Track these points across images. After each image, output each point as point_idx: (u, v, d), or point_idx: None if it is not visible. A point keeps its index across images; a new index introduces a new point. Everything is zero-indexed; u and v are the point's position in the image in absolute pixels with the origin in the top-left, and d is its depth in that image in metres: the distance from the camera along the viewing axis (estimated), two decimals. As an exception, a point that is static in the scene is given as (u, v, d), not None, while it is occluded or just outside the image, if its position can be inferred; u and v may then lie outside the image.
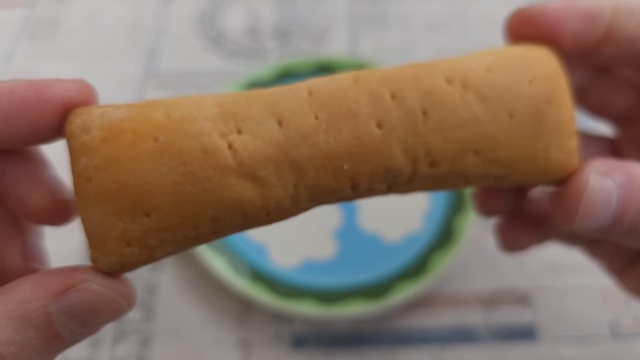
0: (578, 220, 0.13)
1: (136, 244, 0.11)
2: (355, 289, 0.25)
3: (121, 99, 0.34)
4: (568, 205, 0.13)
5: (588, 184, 0.13)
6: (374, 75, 0.12)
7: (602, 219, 0.13)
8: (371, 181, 0.11)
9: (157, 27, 0.38)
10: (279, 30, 0.38)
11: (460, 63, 0.12)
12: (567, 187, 0.13)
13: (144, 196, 0.10)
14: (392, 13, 0.39)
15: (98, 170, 0.11)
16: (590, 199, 0.13)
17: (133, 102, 0.12)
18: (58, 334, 0.11)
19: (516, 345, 0.25)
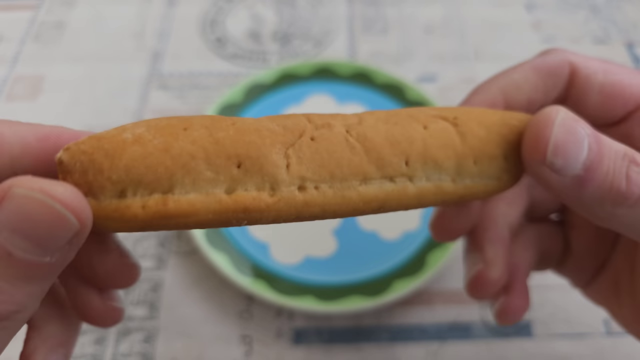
0: (551, 150, 0.13)
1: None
2: (354, 286, 0.26)
3: (126, 100, 0.35)
4: (541, 132, 0.13)
5: (560, 115, 0.13)
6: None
7: (573, 162, 0.13)
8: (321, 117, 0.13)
9: (161, 30, 0.39)
10: (280, 33, 0.39)
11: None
12: (538, 116, 0.14)
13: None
14: (391, 17, 0.40)
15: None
16: (562, 128, 0.13)
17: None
18: (9, 253, 0.10)
19: (513, 341, 0.25)
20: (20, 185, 0.10)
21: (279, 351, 0.25)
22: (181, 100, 0.35)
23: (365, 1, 0.41)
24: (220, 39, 0.38)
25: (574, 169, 0.13)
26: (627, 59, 0.37)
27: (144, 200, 0.11)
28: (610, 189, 0.13)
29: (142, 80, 0.36)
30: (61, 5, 0.40)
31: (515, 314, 0.18)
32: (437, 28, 0.39)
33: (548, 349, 0.25)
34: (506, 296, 0.18)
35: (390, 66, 0.36)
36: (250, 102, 0.32)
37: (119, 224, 0.11)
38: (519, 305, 0.18)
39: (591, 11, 0.40)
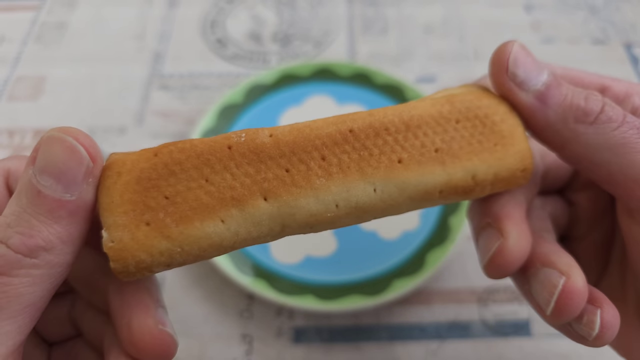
0: (512, 62, 0.15)
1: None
2: (354, 285, 0.26)
3: (127, 101, 0.35)
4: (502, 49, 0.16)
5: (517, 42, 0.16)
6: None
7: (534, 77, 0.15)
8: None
9: (161, 31, 0.39)
10: (280, 34, 0.39)
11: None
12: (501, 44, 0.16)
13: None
14: (391, 17, 0.40)
15: None
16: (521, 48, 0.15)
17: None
18: (39, 191, 0.12)
19: (511, 340, 0.26)
20: (51, 130, 0.13)
21: (279, 350, 0.25)
22: (182, 100, 0.35)
23: (364, 2, 0.41)
24: (220, 39, 0.38)
25: (536, 84, 0.15)
26: (626, 59, 0.37)
27: None
28: (571, 105, 0.15)
29: (143, 80, 0.36)
30: (62, 6, 0.40)
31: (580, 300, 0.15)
32: (436, 28, 0.39)
33: (546, 348, 0.25)
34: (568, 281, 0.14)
35: (390, 67, 0.36)
36: (250, 103, 0.33)
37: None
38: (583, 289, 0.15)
39: (590, 12, 0.40)
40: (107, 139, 0.33)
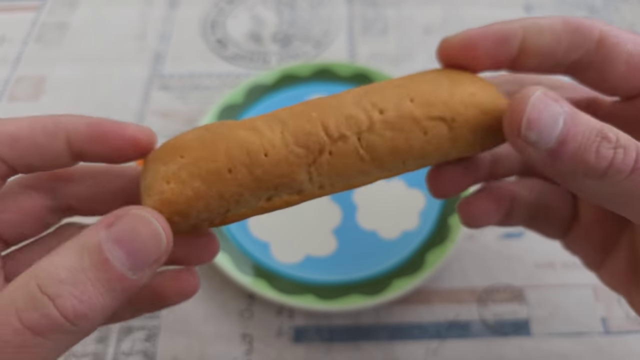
0: (525, 125, 0.14)
1: (172, 180, 0.14)
2: (354, 285, 0.26)
3: (127, 101, 0.35)
4: (516, 108, 0.14)
5: (535, 93, 0.14)
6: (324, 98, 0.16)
7: (546, 136, 0.14)
8: (337, 125, 0.15)
9: (162, 31, 0.39)
10: (280, 34, 0.39)
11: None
12: (517, 94, 0.15)
13: (182, 146, 0.15)
14: (391, 18, 0.40)
15: (157, 150, 0.16)
16: (536, 105, 0.14)
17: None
18: (107, 259, 0.12)
19: (511, 340, 0.26)
20: (136, 208, 0.13)
21: (279, 349, 0.25)
22: (182, 100, 0.35)
23: (364, 2, 0.41)
24: (221, 40, 0.38)
25: (548, 143, 0.14)
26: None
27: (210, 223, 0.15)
28: (581, 162, 0.14)
29: (144, 81, 0.36)
30: (63, 7, 0.40)
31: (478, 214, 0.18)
32: (436, 29, 0.39)
33: (546, 348, 0.25)
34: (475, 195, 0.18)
35: (390, 67, 0.37)
36: (250, 103, 0.33)
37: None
38: (483, 207, 0.18)
39: (589, 12, 0.40)
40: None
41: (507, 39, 0.16)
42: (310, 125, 0.15)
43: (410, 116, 0.15)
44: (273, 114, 0.15)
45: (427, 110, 0.15)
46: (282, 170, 0.14)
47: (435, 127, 0.15)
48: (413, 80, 0.16)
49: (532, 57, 0.16)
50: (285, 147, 0.14)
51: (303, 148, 0.14)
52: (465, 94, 0.15)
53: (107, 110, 0.34)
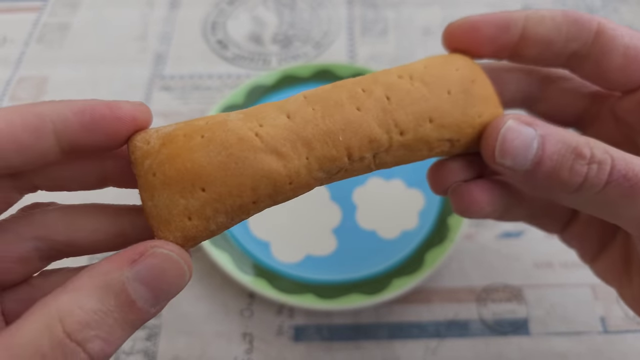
0: (498, 154, 0.15)
1: (195, 217, 0.13)
2: (354, 284, 0.26)
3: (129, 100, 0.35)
4: (488, 138, 0.15)
5: (506, 123, 0.15)
6: (347, 81, 0.16)
7: (521, 160, 0.15)
8: (360, 150, 0.15)
9: (163, 32, 0.39)
10: (281, 35, 0.39)
11: (406, 66, 0.17)
12: (489, 126, 0.16)
13: (200, 175, 0.13)
14: (390, 19, 0.40)
15: (161, 165, 0.14)
16: (507, 136, 0.15)
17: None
18: (133, 301, 0.12)
19: (510, 339, 0.26)
20: (161, 246, 0.12)
21: (279, 348, 0.25)
22: (183, 101, 0.35)
23: (364, 3, 0.41)
24: (221, 41, 0.39)
25: (523, 166, 0.15)
26: (624, 60, 0.38)
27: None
28: (556, 178, 0.15)
29: (145, 81, 0.36)
30: (64, 8, 0.41)
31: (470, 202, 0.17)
32: (435, 30, 0.39)
33: (545, 347, 0.26)
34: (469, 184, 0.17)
35: (390, 68, 0.37)
36: (251, 103, 0.33)
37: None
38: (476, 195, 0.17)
39: (588, 13, 0.41)
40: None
41: (509, 25, 0.17)
42: (336, 151, 0.15)
43: (426, 139, 0.16)
44: (297, 126, 0.14)
45: (441, 133, 0.16)
46: (300, 192, 0.15)
47: (441, 145, 0.17)
48: (435, 87, 0.16)
49: (532, 45, 0.17)
50: (309, 174, 0.15)
51: (325, 173, 0.15)
52: (475, 115, 0.16)
53: (108, 111, 0.35)
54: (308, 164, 0.14)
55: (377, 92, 0.16)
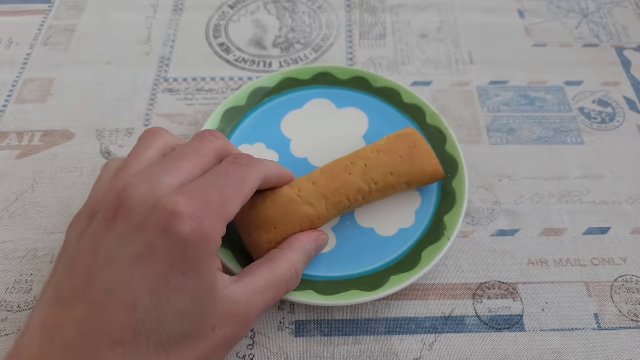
0: None
1: (271, 244, 0.25)
2: (352, 281, 0.26)
3: (134, 103, 0.36)
4: None
5: None
6: (343, 158, 0.27)
7: None
8: (354, 196, 0.26)
9: (167, 35, 0.40)
10: (282, 38, 0.40)
11: (375, 144, 0.28)
12: None
13: (273, 221, 0.25)
14: (388, 23, 0.41)
15: (251, 217, 0.26)
16: None
17: None
18: (310, 255, 0.25)
19: (505, 335, 0.26)
20: (321, 232, 0.26)
21: (280, 343, 0.26)
22: (187, 102, 0.36)
23: (363, 8, 0.42)
24: (224, 44, 0.39)
25: None
26: (618, 62, 0.38)
27: None
28: None
29: (150, 84, 0.37)
30: (70, 11, 0.41)
31: None
32: (432, 34, 0.40)
33: (540, 343, 0.26)
34: None
35: (388, 71, 0.37)
36: (253, 106, 0.34)
37: None
38: None
39: (582, 16, 0.41)
40: (116, 140, 0.34)
41: None
42: (341, 198, 0.26)
43: (391, 184, 0.27)
44: (318, 188, 0.26)
45: (399, 179, 0.27)
46: (324, 223, 0.26)
47: (401, 186, 0.28)
48: (394, 157, 0.27)
49: None
50: (328, 213, 0.26)
51: (337, 211, 0.26)
52: (419, 168, 0.27)
53: (114, 113, 0.35)
54: (327, 208, 0.26)
55: (359, 163, 0.27)
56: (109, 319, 0.17)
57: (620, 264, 0.29)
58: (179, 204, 0.18)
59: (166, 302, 0.17)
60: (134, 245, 0.17)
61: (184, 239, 0.17)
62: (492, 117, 0.35)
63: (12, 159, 0.33)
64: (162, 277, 0.17)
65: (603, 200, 0.31)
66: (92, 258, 0.18)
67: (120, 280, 0.17)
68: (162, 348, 0.17)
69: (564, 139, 0.34)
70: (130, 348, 0.16)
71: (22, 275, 0.28)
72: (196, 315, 0.18)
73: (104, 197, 0.19)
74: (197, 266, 0.18)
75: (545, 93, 0.36)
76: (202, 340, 0.18)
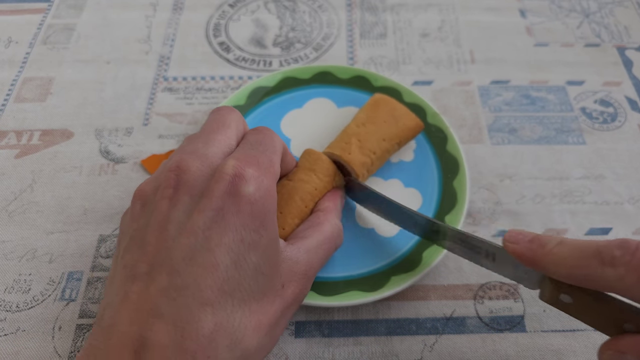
0: None
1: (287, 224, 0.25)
2: (353, 281, 0.26)
3: (133, 102, 0.36)
4: None
5: None
6: (336, 144, 0.29)
7: None
8: (360, 170, 0.28)
9: (166, 34, 0.40)
10: (282, 37, 0.40)
11: (356, 118, 0.30)
12: None
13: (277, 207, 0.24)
14: (389, 22, 0.41)
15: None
16: None
17: None
18: (340, 212, 0.27)
19: (506, 335, 0.26)
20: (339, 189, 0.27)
21: (280, 344, 0.26)
22: (186, 102, 0.36)
23: (364, 7, 0.42)
24: (224, 43, 0.39)
25: None
26: (619, 62, 0.38)
27: None
28: None
29: (149, 82, 0.37)
30: (69, 9, 0.41)
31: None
32: (433, 33, 0.40)
33: (541, 344, 0.26)
34: None
35: (388, 70, 0.37)
36: (253, 105, 0.33)
37: None
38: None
39: (584, 16, 0.41)
40: (115, 139, 0.34)
41: None
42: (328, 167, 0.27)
43: (386, 149, 0.29)
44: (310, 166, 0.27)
45: (391, 142, 0.29)
46: (325, 190, 0.27)
47: (393, 147, 0.29)
48: (380, 125, 0.29)
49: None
50: (321, 181, 0.27)
51: (328, 176, 0.27)
52: (404, 126, 0.29)
53: (113, 112, 0.35)
54: (319, 177, 0.27)
55: (353, 141, 0.28)
56: (194, 283, 0.17)
57: (622, 264, 0.29)
58: (238, 168, 0.19)
59: (244, 260, 0.18)
60: (203, 212, 0.18)
61: (251, 198, 0.19)
62: (494, 117, 0.35)
63: (10, 158, 0.33)
64: (237, 236, 0.18)
65: (605, 200, 0.31)
66: (162, 231, 0.18)
67: (198, 244, 0.18)
68: (245, 305, 0.18)
69: (565, 139, 0.34)
70: (218, 307, 0.17)
71: (20, 275, 0.28)
72: (269, 271, 0.19)
73: (157, 179, 0.20)
74: (265, 222, 0.19)
75: (547, 93, 0.36)
76: (276, 297, 0.19)
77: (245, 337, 0.18)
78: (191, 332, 0.17)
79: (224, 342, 0.17)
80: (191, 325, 0.17)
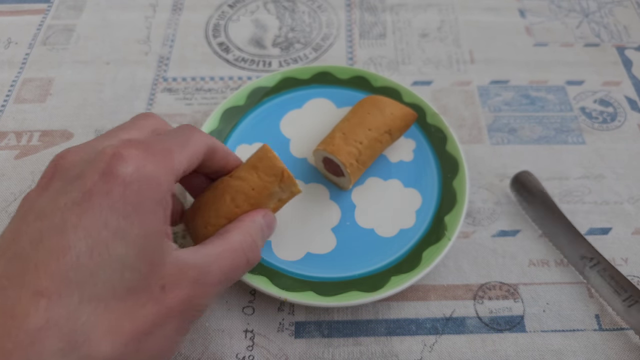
0: None
1: (207, 227, 0.23)
2: (353, 281, 0.26)
3: (133, 103, 0.36)
4: None
5: None
6: (324, 140, 0.30)
7: None
8: (348, 160, 0.28)
9: (166, 35, 0.40)
10: (281, 37, 0.40)
11: (341, 120, 0.31)
12: None
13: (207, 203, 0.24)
14: (388, 22, 0.41)
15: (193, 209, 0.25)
16: None
17: None
18: (263, 230, 0.23)
19: (506, 335, 0.26)
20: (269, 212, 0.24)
21: (280, 344, 0.26)
22: (186, 102, 0.36)
23: (363, 7, 0.42)
24: (223, 43, 0.39)
25: None
26: (619, 61, 0.38)
27: None
28: None
29: (149, 83, 0.37)
30: (69, 10, 0.41)
31: None
32: (433, 33, 0.40)
33: (541, 344, 0.26)
34: None
35: (388, 70, 0.37)
36: (253, 105, 0.33)
37: None
38: None
39: (583, 15, 0.41)
40: (113, 140, 0.34)
41: None
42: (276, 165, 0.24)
43: (375, 139, 0.29)
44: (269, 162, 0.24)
45: (379, 130, 0.29)
46: (265, 194, 0.23)
47: (384, 136, 0.29)
48: (363, 116, 0.29)
49: None
50: (262, 181, 0.23)
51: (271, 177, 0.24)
52: (390, 115, 0.29)
53: (113, 113, 0.35)
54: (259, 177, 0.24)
55: (337, 135, 0.29)
56: (33, 269, 0.15)
57: (622, 264, 0.29)
58: (119, 148, 0.17)
59: (104, 248, 0.15)
60: (70, 193, 0.16)
61: (126, 179, 0.16)
62: (493, 117, 0.35)
63: (10, 159, 0.33)
64: (101, 219, 0.15)
65: (604, 200, 0.31)
66: (21, 218, 0.16)
67: (52, 226, 0.15)
68: (99, 301, 0.15)
69: (565, 138, 0.34)
70: (57, 300, 0.14)
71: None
72: (140, 268, 0.16)
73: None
74: (140, 210, 0.16)
75: (546, 93, 0.36)
76: (149, 300, 0.16)
77: (90, 340, 0.15)
78: (11, 328, 0.14)
79: (54, 343, 0.14)
80: (15, 320, 0.14)
